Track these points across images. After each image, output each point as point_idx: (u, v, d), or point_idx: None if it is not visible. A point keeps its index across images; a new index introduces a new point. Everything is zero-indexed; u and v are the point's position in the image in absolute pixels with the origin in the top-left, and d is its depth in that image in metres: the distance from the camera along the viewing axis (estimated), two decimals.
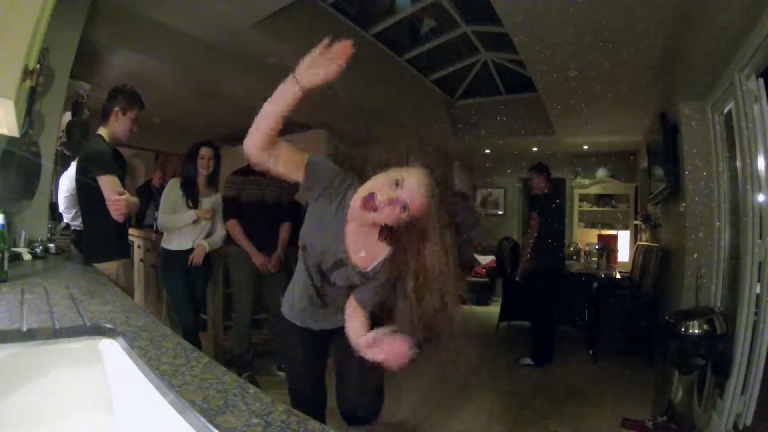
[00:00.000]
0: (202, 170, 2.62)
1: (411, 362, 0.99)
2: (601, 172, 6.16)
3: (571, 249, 5.43)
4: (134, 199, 1.96)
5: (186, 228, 2.61)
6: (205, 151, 2.63)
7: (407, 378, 1.51)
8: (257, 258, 2.75)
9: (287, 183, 1.22)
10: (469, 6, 3.54)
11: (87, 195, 1.94)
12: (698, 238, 2.69)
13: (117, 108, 1.95)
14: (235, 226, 2.74)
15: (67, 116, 2.84)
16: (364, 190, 1.04)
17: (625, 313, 3.65)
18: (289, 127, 4.36)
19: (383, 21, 3.70)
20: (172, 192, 2.62)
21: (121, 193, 1.86)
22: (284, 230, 2.94)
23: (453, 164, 6.45)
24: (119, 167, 1.94)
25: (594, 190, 6.29)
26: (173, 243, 2.63)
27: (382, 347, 0.99)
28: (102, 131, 1.98)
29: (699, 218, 2.70)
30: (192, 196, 2.61)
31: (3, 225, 1.39)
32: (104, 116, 1.98)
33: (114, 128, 1.96)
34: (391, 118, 5.09)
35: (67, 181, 2.70)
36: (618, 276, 4.38)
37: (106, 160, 1.88)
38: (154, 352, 0.80)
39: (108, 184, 1.85)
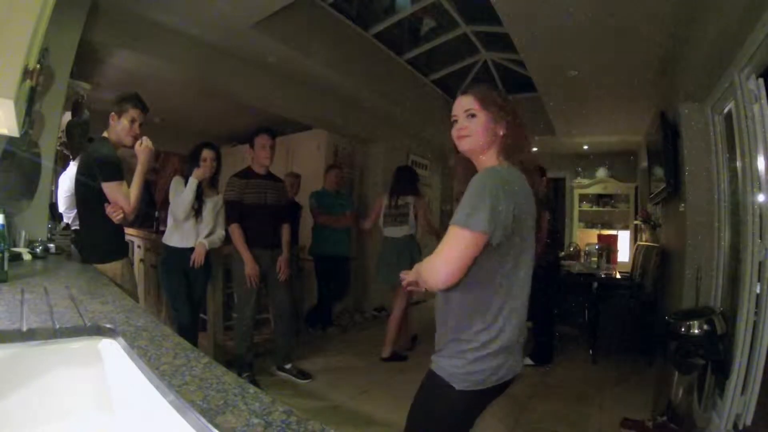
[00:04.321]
0: (205, 172, 2.62)
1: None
2: (601, 172, 6.16)
3: (571, 249, 5.43)
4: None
5: (188, 225, 2.62)
6: (207, 153, 2.64)
7: (406, 378, 1.51)
8: (250, 267, 2.74)
9: (287, 184, 1.22)
10: (469, 6, 3.54)
11: (85, 195, 1.94)
12: (698, 238, 2.69)
13: (112, 113, 1.95)
14: (236, 231, 2.74)
15: (67, 116, 2.84)
16: None
17: (625, 313, 3.65)
18: (289, 127, 4.38)
19: (383, 21, 3.70)
20: (179, 187, 2.63)
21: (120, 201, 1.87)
22: (285, 232, 2.96)
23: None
24: (122, 172, 1.93)
25: (594, 190, 6.28)
26: (175, 240, 2.63)
27: None
28: (106, 134, 1.98)
29: (699, 218, 2.70)
30: (196, 197, 2.62)
31: (3, 225, 1.39)
32: (106, 122, 1.99)
33: (112, 132, 1.96)
34: (391, 118, 5.10)
35: (68, 180, 2.70)
36: (618, 276, 4.38)
37: (110, 167, 1.87)
38: (154, 352, 0.80)
39: (110, 191, 1.86)
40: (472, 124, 1.16)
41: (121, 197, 1.87)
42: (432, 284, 1.09)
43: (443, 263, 1.04)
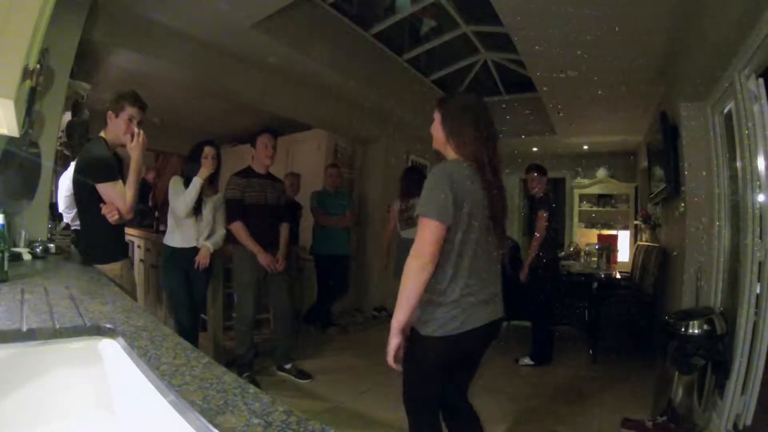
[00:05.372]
0: (209, 170, 2.62)
1: None
2: (601, 172, 6.16)
3: (571, 249, 5.43)
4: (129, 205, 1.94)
5: (188, 226, 2.62)
6: (208, 151, 2.63)
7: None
8: (264, 258, 2.76)
9: (287, 184, 1.24)
10: (469, 6, 3.54)
11: (83, 195, 1.94)
12: (698, 238, 2.69)
13: (110, 111, 1.94)
14: (240, 228, 2.75)
15: (67, 116, 2.84)
16: None
17: (625, 313, 3.65)
18: (289, 127, 4.38)
19: (383, 21, 3.70)
20: (178, 186, 2.62)
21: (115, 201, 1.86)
22: (284, 230, 2.97)
23: None
24: (117, 171, 1.93)
25: (594, 190, 6.29)
26: (175, 240, 2.63)
27: None
28: (103, 134, 1.97)
29: (699, 218, 2.70)
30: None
31: (3, 225, 1.38)
32: (104, 121, 1.99)
33: (110, 132, 1.95)
34: (391, 118, 5.10)
35: (67, 180, 2.69)
36: (618, 276, 4.38)
37: (104, 167, 1.86)
38: (154, 352, 0.80)
39: (106, 192, 1.86)
40: (431, 128, 1.48)
41: (117, 197, 1.86)
42: (413, 264, 1.30)
43: (415, 249, 1.31)
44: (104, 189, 1.85)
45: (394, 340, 1.30)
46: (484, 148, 1.39)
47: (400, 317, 1.29)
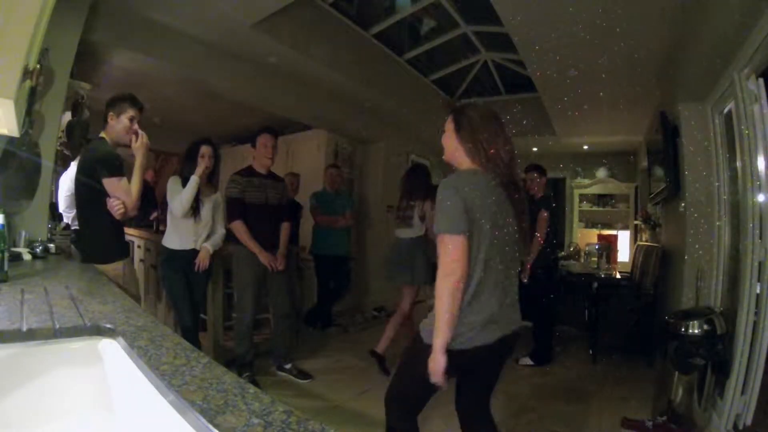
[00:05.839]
0: (206, 169, 2.61)
1: None
2: (601, 172, 6.16)
3: (571, 249, 5.42)
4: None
5: (187, 227, 2.61)
6: (205, 150, 2.63)
7: None
8: (265, 257, 2.76)
9: (288, 184, 1.23)
10: (469, 6, 3.54)
11: (86, 195, 1.94)
12: (698, 238, 2.69)
13: (111, 112, 1.96)
14: (240, 227, 2.75)
15: (67, 116, 2.84)
16: None
17: (625, 313, 3.65)
18: (289, 127, 4.36)
19: (383, 21, 3.70)
20: (176, 186, 2.62)
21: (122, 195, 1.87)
22: (285, 230, 2.97)
23: None
24: (122, 168, 1.94)
25: (594, 190, 6.29)
26: (174, 242, 2.63)
27: None
28: (103, 134, 1.98)
29: (699, 218, 2.70)
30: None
31: (3, 225, 1.39)
32: (104, 123, 2.00)
33: (111, 132, 1.96)
34: (391, 118, 5.10)
35: (68, 180, 2.70)
36: (618, 276, 4.38)
37: (111, 163, 1.89)
38: (154, 352, 0.80)
39: (111, 187, 1.87)
40: (443, 139, 1.45)
41: (122, 192, 1.89)
42: (445, 285, 1.23)
43: (443, 268, 1.25)
44: (110, 184, 1.87)
45: (441, 359, 1.23)
46: (502, 155, 1.35)
47: (443, 337, 1.24)
